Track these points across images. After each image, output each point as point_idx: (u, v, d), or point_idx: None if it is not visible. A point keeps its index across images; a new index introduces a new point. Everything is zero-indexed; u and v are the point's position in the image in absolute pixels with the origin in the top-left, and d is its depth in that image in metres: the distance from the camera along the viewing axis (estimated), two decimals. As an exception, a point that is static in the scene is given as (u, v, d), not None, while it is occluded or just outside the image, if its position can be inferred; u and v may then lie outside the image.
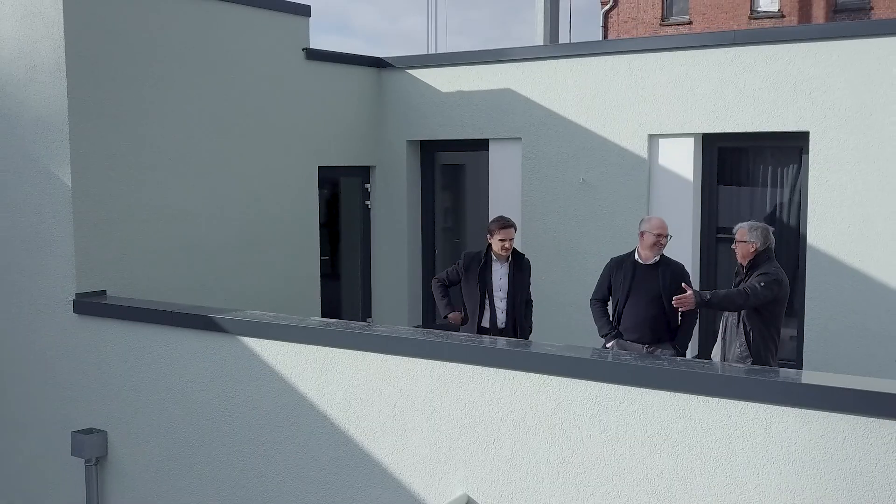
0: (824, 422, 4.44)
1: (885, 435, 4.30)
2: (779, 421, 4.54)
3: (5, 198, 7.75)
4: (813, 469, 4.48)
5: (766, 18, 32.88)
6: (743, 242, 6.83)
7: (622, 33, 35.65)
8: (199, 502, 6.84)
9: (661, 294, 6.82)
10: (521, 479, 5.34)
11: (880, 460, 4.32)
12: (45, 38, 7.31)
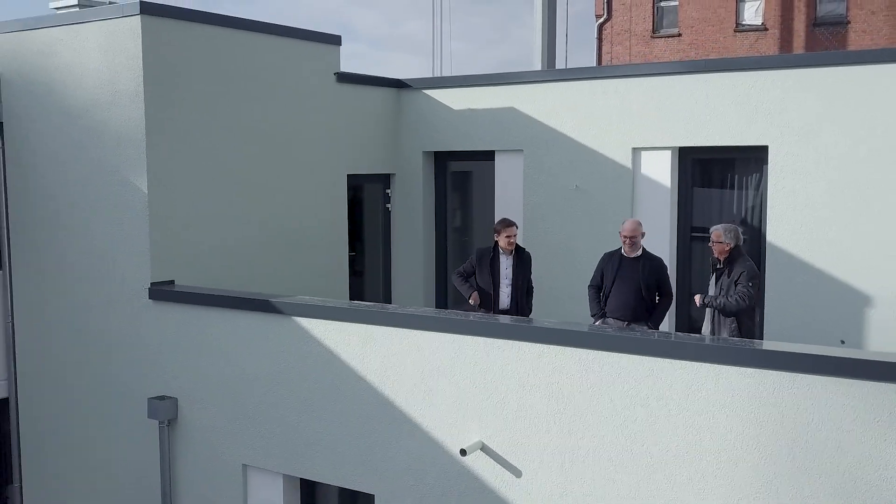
0: (758, 377, 5.55)
1: (804, 385, 5.42)
2: (725, 377, 5.65)
3: (90, 202, 8.82)
4: (751, 413, 5.59)
5: (750, 31, 33.19)
6: (719, 243, 7.97)
7: (615, 45, 36.04)
8: (255, 457, 7.93)
9: (640, 283, 7.97)
10: (524, 428, 6.44)
11: (800, 405, 5.44)
12: (126, 69, 8.38)
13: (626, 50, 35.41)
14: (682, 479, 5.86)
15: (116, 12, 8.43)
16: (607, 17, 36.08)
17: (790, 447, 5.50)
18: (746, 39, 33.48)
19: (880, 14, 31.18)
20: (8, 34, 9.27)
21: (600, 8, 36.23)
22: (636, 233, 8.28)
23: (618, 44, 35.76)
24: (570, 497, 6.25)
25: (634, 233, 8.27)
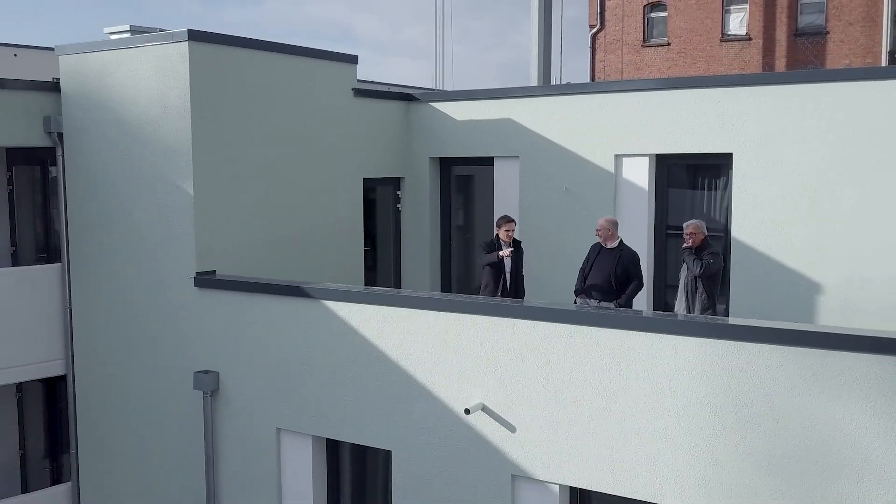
0: (709, 345, 6.60)
1: (745, 352, 6.46)
2: (682, 346, 6.70)
3: (141, 203, 9.86)
4: (704, 376, 6.63)
5: (735, 41, 33.95)
6: (696, 234, 9.12)
7: (608, 53, 36.80)
8: (287, 421, 8.95)
9: (612, 270, 9.14)
10: (519, 391, 7.48)
11: (743, 368, 6.48)
12: (174, 87, 9.42)
13: (619, 58, 36.24)
14: (649, 432, 6.90)
15: (167, 38, 9.46)
16: (600, 27, 36.84)
17: (734, 403, 6.54)
18: (732, 48, 34.31)
19: (857, 25, 31.99)
20: (69, 56, 10.32)
21: (593, 18, 37.00)
22: (603, 227, 9.56)
23: (610, 52, 36.50)
24: (556, 447, 7.29)
25: (601, 228, 9.58)
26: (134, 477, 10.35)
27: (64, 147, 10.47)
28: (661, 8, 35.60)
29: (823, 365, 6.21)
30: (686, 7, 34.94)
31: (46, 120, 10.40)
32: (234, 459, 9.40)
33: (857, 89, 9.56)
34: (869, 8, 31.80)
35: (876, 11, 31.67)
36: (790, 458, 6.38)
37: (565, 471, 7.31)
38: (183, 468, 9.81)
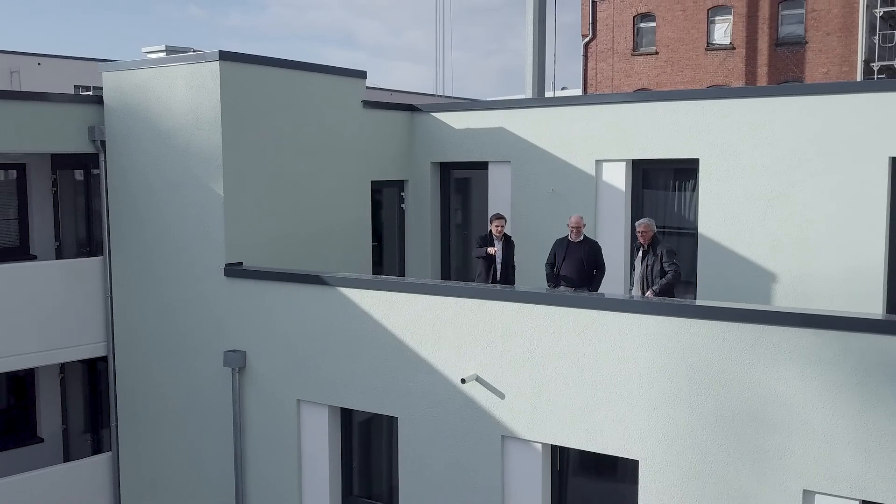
0: (667, 322, 7.60)
1: (697, 327, 7.47)
2: (644, 323, 7.70)
3: (176, 204, 10.84)
4: (663, 349, 7.63)
5: (720, 50, 34.73)
6: (648, 231, 10.07)
7: (600, 61, 37.61)
8: (306, 393, 9.92)
9: (582, 260, 10.21)
10: (507, 364, 8.48)
11: (695, 342, 7.49)
12: (206, 101, 10.41)
13: (610, 66, 37.14)
14: (616, 397, 7.90)
15: (200, 58, 10.46)
16: (592, 37, 37.64)
17: (688, 371, 7.55)
18: (717, 57, 35.17)
19: (834, 35, 32.89)
20: (111, 73, 11.31)
21: (586, 28, 37.84)
22: (579, 224, 10.65)
23: (602, 60, 37.33)
24: (539, 411, 8.30)
25: (577, 224, 10.66)
26: (169, 445, 11.32)
27: (106, 153, 11.45)
28: (650, 18, 36.42)
29: (761, 338, 7.21)
30: (673, 17, 35.81)
31: (91, 129, 11.38)
32: (259, 428, 10.38)
33: (805, 103, 10.58)
34: (845, 19, 32.67)
35: (852, 22, 32.56)
36: (734, 417, 7.38)
37: (547, 431, 8.31)
38: (213, 437, 10.78)
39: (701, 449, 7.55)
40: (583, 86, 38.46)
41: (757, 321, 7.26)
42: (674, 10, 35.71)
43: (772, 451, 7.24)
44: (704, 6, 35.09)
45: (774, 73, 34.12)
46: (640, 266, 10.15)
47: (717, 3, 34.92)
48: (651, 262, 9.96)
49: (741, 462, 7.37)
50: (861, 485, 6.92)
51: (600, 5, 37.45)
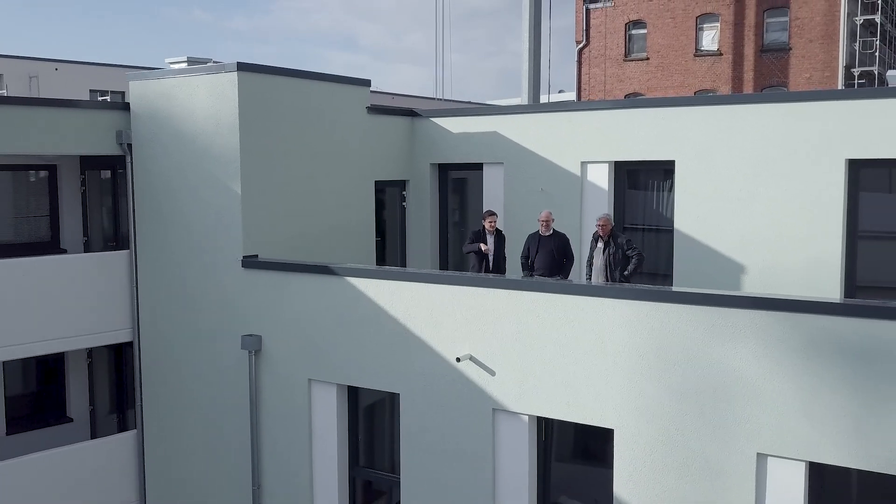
0: (636, 306, 8.38)
1: (662, 310, 8.25)
2: (616, 306, 8.48)
3: (197, 201, 11.60)
4: (633, 328, 8.41)
5: (707, 56, 35.42)
6: (607, 225, 10.97)
7: (593, 66, 38.29)
8: (316, 373, 10.68)
9: (553, 251, 11.04)
10: (497, 343, 9.24)
11: (661, 323, 8.26)
12: (225, 107, 11.17)
13: (602, 71, 37.87)
14: (594, 372, 8.68)
15: (219, 69, 11.23)
16: (586, 43, 38.36)
17: (656, 349, 8.33)
18: (705, 63, 35.88)
19: (816, 42, 33.61)
20: (137, 81, 12.09)
21: (580, 35, 38.54)
22: (548, 218, 11.52)
23: (595, 66, 38.03)
24: (525, 386, 9.08)
25: (546, 218, 11.53)
26: (189, 423, 12.09)
27: (133, 156, 12.22)
28: (641, 25, 37.13)
29: (720, 320, 7.99)
30: (663, 25, 36.50)
31: (118, 133, 12.15)
32: (273, 405, 11.15)
33: (771, 110, 11.36)
34: (827, 26, 33.39)
35: (833, 30, 33.30)
36: (697, 389, 8.16)
37: (532, 404, 9.09)
38: (231, 414, 11.55)
39: (668, 418, 8.32)
40: (577, 90, 39.20)
41: (716, 304, 8.04)
42: (664, 17, 36.41)
43: (730, 420, 8.01)
44: (693, 14, 35.81)
45: (760, 78, 34.86)
46: (602, 257, 10.95)
47: (706, 10, 35.63)
48: (613, 251, 10.80)
49: (703, 429, 8.15)
50: (807, 448, 7.70)
51: (593, 13, 38.13)
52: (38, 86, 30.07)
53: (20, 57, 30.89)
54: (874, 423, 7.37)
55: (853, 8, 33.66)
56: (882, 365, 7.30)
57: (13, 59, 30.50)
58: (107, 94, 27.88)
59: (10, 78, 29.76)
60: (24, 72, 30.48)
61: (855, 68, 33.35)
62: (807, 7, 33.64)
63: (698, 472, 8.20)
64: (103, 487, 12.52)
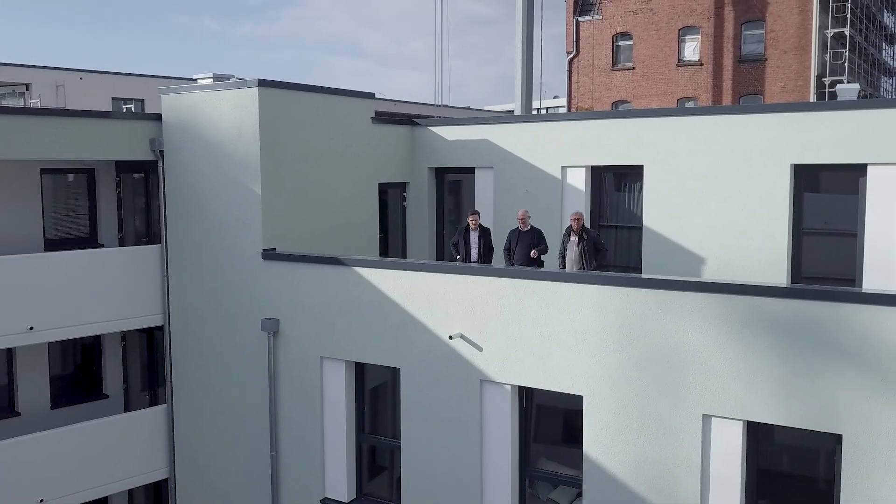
0: (605, 290, 9.45)
1: (626, 293, 9.32)
2: (588, 291, 9.54)
3: (221, 201, 12.63)
4: (603, 309, 9.47)
5: (689, 66, 36.35)
6: (580, 220, 12.02)
7: (582, 76, 39.19)
8: (327, 351, 11.71)
9: (530, 244, 12.14)
10: (485, 324, 10.30)
11: (626, 305, 9.33)
12: (247, 118, 12.23)
13: (591, 80, 38.86)
14: (565, 347, 9.74)
15: (242, 84, 12.29)
16: (576, 54, 39.27)
17: (618, 326, 9.40)
18: (686, 72, 36.83)
19: (790, 53, 34.57)
20: (168, 94, 13.14)
21: (570, 45, 39.50)
22: (524, 217, 12.59)
23: (584, 75, 38.93)
24: (509, 361, 10.14)
25: (522, 217, 12.61)
26: (214, 397, 13.14)
27: (164, 161, 13.26)
28: (628, 37, 38.08)
29: (671, 301, 9.06)
30: (648, 36, 37.46)
31: (151, 141, 13.20)
32: (288, 380, 12.20)
33: (728, 120, 12.44)
34: (800, 38, 34.36)
35: (806, 42, 34.28)
36: (652, 360, 9.22)
37: (514, 375, 10.17)
38: (251, 389, 12.59)
39: (628, 385, 9.39)
40: (567, 97, 40.19)
41: (668, 288, 9.10)
42: (648, 29, 37.36)
43: (680, 386, 9.08)
44: (675, 26, 36.71)
45: (738, 86, 35.82)
46: (576, 248, 12.03)
47: (687, 23, 36.55)
48: (585, 242, 11.89)
49: (658, 394, 9.22)
50: (744, 409, 8.77)
51: (583, 25, 39.08)
52: (64, 94, 31.01)
53: (48, 67, 31.85)
54: (800, 387, 8.44)
55: (825, 21, 34.62)
56: (806, 338, 8.37)
57: (42, 69, 31.47)
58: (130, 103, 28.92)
59: (39, 86, 30.73)
60: (52, 80, 31.40)
61: (826, 77, 34.32)
62: (781, 20, 34.59)
63: (654, 431, 9.27)
64: (136, 455, 13.53)
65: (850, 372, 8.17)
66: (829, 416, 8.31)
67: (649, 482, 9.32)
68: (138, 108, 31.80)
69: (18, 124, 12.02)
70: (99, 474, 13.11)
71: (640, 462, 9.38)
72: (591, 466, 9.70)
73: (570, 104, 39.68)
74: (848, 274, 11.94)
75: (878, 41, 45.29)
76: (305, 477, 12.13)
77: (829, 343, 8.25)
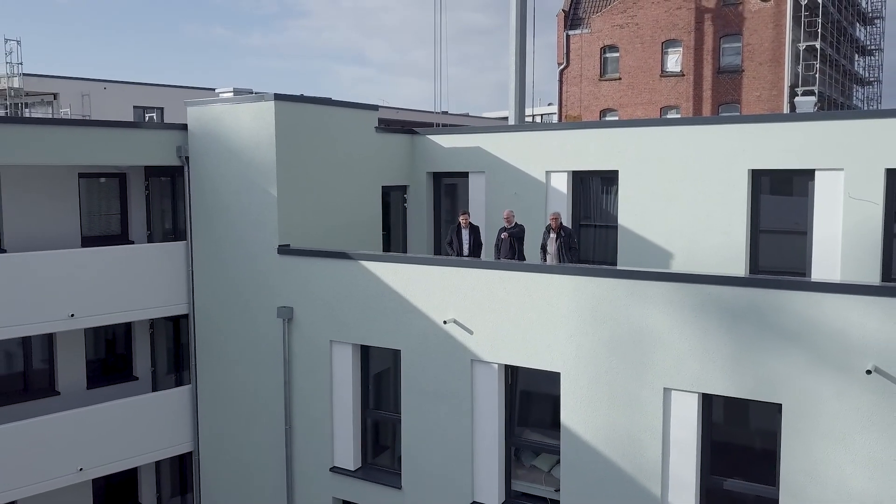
0: (582, 280, 10.32)
1: (601, 283, 10.19)
2: (565, 280, 10.42)
3: (241, 201, 13.48)
4: (579, 296, 10.34)
5: (671, 76, 37.25)
6: (559, 219, 12.87)
7: (572, 86, 40.08)
8: (336, 335, 12.56)
9: (515, 240, 13.01)
10: (475, 310, 11.16)
11: (601, 292, 10.20)
12: (265, 129, 13.07)
13: (580, 90, 39.73)
14: (545, 330, 10.60)
15: (260, 98, 13.15)
16: (566, 65, 40.12)
17: (591, 310, 10.27)
18: (669, 82, 37.73)
19: (766, 65, 35.48)
20: (193, 107, 14.00)
21: (561, 57, 40.37)
22: (509, 216, 13.43)
23: (574, 85, 39.81)
24: (495, 341, 11.01)
25: (507, 216, 13.45)
26: (234, 377, 13.99)
27: (189, 166, 14.12)
28: (614, 50, 38.96)
29: (637, 289, 9.93)
30: (633, 49, 38.35)
31: (178, 148, 14.06)
32: (301, 362, 13.05)
33: (692, 130, 13.32)
34: (775, 51, 35.28)
35: (780, 54, 35.20)
36: (621, 339, 10.08)
37: (501, 355, 11.03)
38: (268, 370, 13.44)
39: (600, 363, 10.26)
40: (558, 106, 41.07)
41: (634, 278, 9.97)
42: (634, 43, 38.25)
43: (645, 362, 9.95)
44: (659, 40, 37.62)
45: (717, 96, 36.71)
46: (555, 244, 12.90)
47: (670, 37, 37.44)
48: (564, 239, 12.77)
49: (625, 371, 10.09)
50: (699, 382, 9.64)
51: (573, 38, 39.97)
52: (90, 103, 31.84)
53: (73, 77, 32.70)
54: (746, 362, 9.31)
55: (797, 35, 35.51)
56: (752, 320, 9.24)
57: (68, 80, 32.32)
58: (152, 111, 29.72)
59: (67, 96, 31.61)
60: (78, 90, 32.24)
61: (798, 87, 35.18)
62: (757, 34, 35.50)
63: (622, 403, 10.14)
64: (164, 430, 14.37)
65: (788, 349, 9.04)
66: (771, 388, 9.18)
67: (618, 448, 10.19)
68: (158, 116, 32.65)
69: (60, 134, 12.90)
70: (130, 447, 13.94)
71: (610, 430, 10.24)
72: (567, 435, 10.56)
73: (561, 112, 40.53)
74: (799, 267, 12.82)
75: (851, 53, 46.19)
76: (316, 448, 12.99)
77: (771, 325, 9.12)
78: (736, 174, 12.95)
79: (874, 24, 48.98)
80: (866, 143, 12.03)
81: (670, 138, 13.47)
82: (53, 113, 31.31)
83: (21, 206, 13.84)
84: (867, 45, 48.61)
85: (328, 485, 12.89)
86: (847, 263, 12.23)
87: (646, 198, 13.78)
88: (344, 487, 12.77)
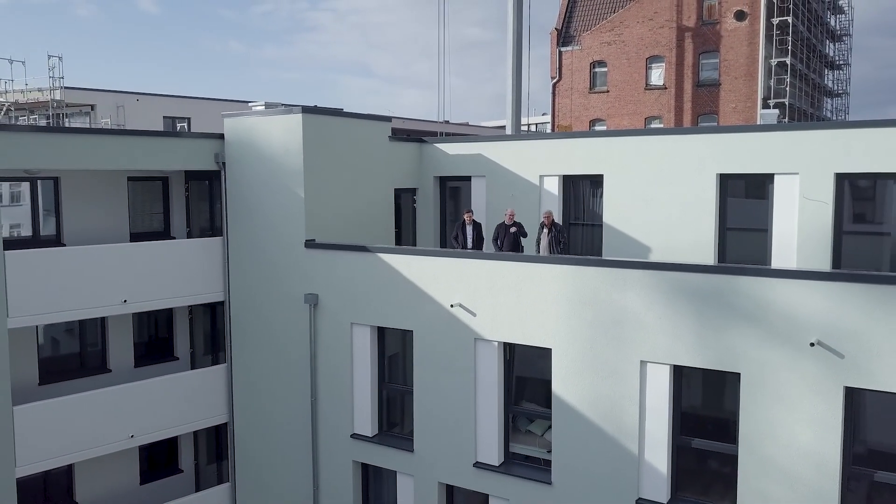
0: (572, 270, 11.21)
1: (587, 271, 11.08)
2: (557, 270, 11.30)
3: (272, 202, 14.36)
4: (569, 283, 11.24)
5: (655, 90, 38.04)
6: (551, 216, 13.71)
7: (564, 98, 40.88)
8: (356, 317, 13.42)
9: (514, 237, 13.81)
10: (478, 295, 12.04)
11: (588, 280, 11.10)
12: (293, 138, 13.96)
13: (571, 101, 40.56)
14: (538, 311, 11.48)
15: (289, 111, 14.03)
16: (559, 79, 40.92)
17: (578, 295, 11.16)
18: (653, 95, 38.51)
19: (741, 79, 36.30)
20: (229, 118, 14.89)
21: (554, 71, 41.18)
22: (511, 214, 14.18)
23: (565, 97, 40.61)
24: (495, 322, 11.88)
25: (510, 214, 14.20)
26: (266, 357, 14.84)
27: (226, 171, 15.01)
28: (603, 65, 39.77)
29: (617, 276, 10.82)
30: (620, 64, 39.17)
31: (216, 155, 14.92)
32: (325, 342, 13.91)
33: (667, 139, 14.20)
34: (749, 66, 36.12)
35: (754, 69, 36.04)
36: (603, 321, 10.96)
37: (500, 333, 11.91)
38: (295, 350, 14.28)
39: (586, 340, 11.14)
40: (552, 116, 41.91)
41: (614, 266, 10.86)
42: (620, 58, 39.07)
43: (624, 339, 10.83)
44: (643, 56, 38.42)
45: (696, 107, 37.56)
46: (547, 238, 13.79)
47: (654, 53, 38.23)
48: (555, 234, 13.65)
49: (607, 346, 10.96)
50: (670, 355, 10.52)
51: (565, 54, 40.80)
52: (124, 114, 32.65)
53: (109, 90, 33.53)
54: (710, 338, 10.20)
55: (770, 52, 36.35)
56: (716, 301, 10.13)
57: (104, 92, 33.16)
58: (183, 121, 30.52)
59: (102, 107, 32.44)
60: (113, 102, 33.04)
61: (771, 100, 36.03)
62: (733, 51, 36.34)
63: (605, 375, 11.02)
64: (202, 403, 15.21)
65: (747, 326, 9.92)
66: (732, 359, 10.06)
67: (601, 413, 11.07)
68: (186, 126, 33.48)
69: (114, 142, 13.78)
70: (173, 417, 14.80)
71: (594, 398, 11.13)
72: (558, 403, 11.44)
73: (554, 122, 41.38)
74: (761, 260, 13.69)
75: (820, 68, 47.01)
76: (338, 418, 13.85)
77: (732, 305, 10.00)
78: (706, 178, 13.82)
79: (842, 41, 49.82)
80: (819, 151, 12.91)
81: (649, 146, 14.35)
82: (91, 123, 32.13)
83: (78, 206, 14.72)
84: (836, 60, 49.44)
85: (349, 450, 13.77)
86: (802, 256, 13.11)
87: (628, 199, 14.63)
88: (363, 452, 13.65)
